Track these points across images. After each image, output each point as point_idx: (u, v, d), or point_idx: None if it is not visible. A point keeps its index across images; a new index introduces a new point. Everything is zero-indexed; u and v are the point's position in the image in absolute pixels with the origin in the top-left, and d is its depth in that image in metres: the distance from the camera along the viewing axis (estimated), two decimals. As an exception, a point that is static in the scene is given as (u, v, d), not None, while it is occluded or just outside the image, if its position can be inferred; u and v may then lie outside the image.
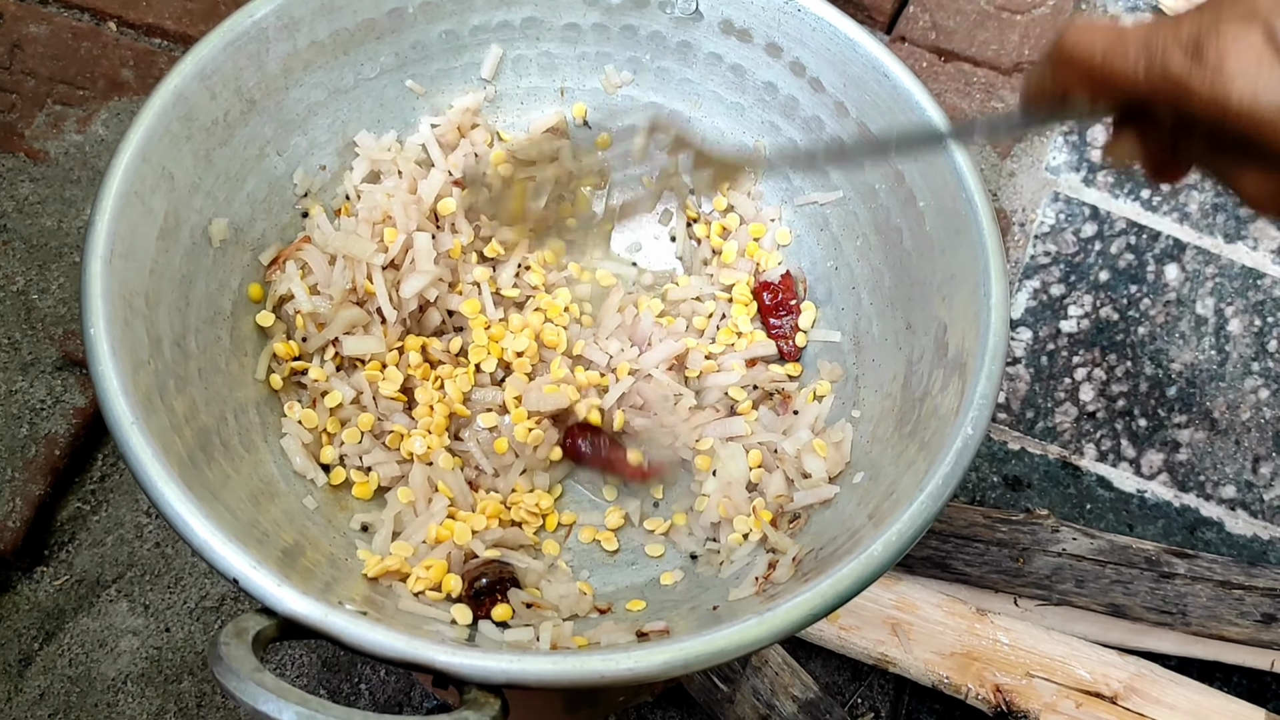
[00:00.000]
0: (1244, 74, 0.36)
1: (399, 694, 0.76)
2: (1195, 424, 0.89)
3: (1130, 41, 0.39)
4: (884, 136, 0.46)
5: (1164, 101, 0.39)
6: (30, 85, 0.94)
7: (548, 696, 0.65)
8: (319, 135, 0.63)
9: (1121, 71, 0.40)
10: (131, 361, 0.48)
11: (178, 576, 0.79)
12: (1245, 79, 0.36)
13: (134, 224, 0.51)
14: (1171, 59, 0.38)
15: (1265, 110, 0.36)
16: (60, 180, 0.90)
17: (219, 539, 0.43)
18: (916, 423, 0.54)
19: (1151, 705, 0.72)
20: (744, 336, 0.64)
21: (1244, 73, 0.36)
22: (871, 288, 0.62)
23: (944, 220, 0.56)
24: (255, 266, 0.60)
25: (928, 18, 1.04)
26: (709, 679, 0.71)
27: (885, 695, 0.78)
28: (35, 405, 0.81)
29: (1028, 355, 0.91)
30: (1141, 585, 0.75)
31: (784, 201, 0.67)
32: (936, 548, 0.76)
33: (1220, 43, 0.37)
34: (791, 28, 0.62)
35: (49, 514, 0.80)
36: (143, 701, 0.75)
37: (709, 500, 0.59)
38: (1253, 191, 0.40)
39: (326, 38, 0.60)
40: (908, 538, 0.46)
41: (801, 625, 0.44)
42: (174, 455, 0.46)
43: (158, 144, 0.53)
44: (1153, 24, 0.40)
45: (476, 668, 0.41)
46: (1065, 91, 0.43)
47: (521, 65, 0.67)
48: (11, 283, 0.85)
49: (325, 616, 0.42)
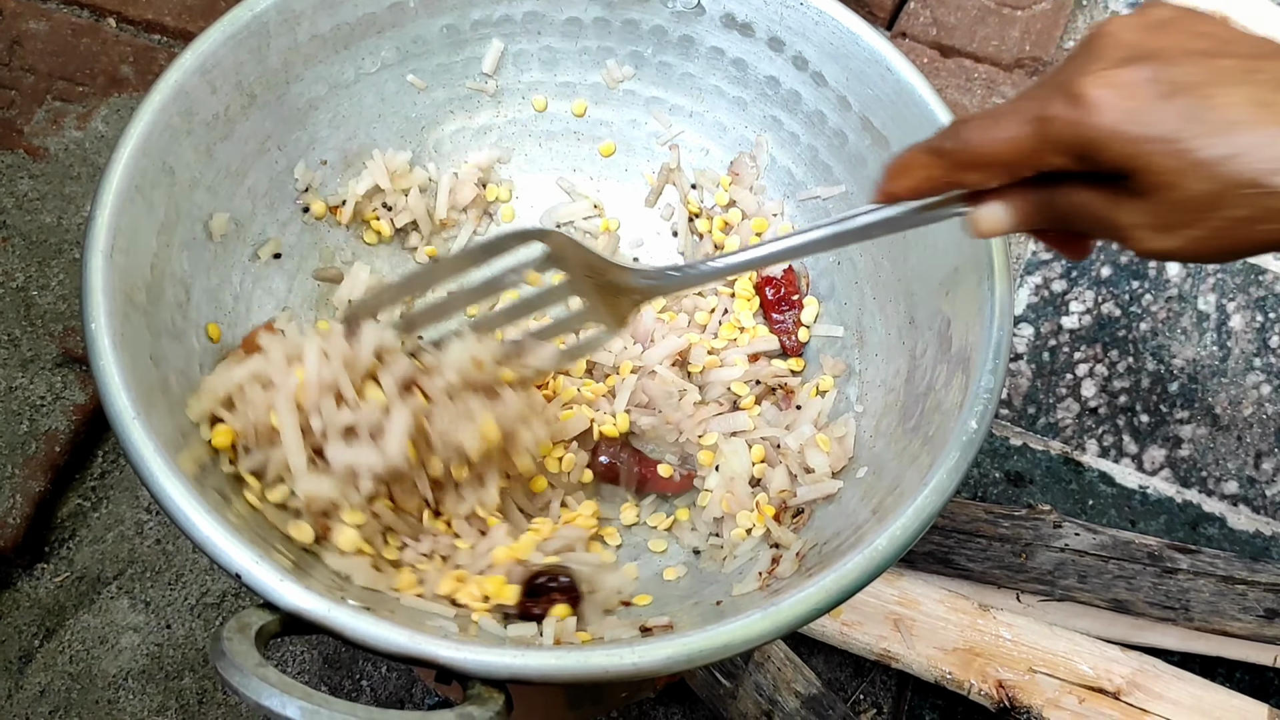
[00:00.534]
0: (1112, 102, 0.38)
1: (400, 690, 0.76)
2: (1197, 420, 0.89)
3: (1005, 118, 0.41)
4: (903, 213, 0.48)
5: (1048, 157, 0.40)
6: (29, 82, 0.94)
7: (550, 693, 0.64)
8: (320, 130, 0.63)
9: (1010, 151, 0.41)
10: (133, 357, 0.48)
11: (179, 573, 0.78)
12: (1113, 106, 0.38)
13: (135, 219, 0.51)
14: (1050, 113, 0.39)
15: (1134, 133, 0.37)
16: (60, 177, 0.90)
17: (221, 534, 0.43)
18: (920, 417, 0.54)
19: (1154, 701, 0.72)
20: (746, 331, 0.64)
21: (1112, 101, 0.38)
22: (874, 282, 0.62)
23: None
24: (251, 268, 0.60)
25: (928, 13, 1.03)
26: (711, 675, 0.70)
27: (888, 691, 0.78)
28: (35, 402, 0.81)
29: (1029, 351, 0.91)
30: (1144, 581, 0.75)
31: (786, 196, 0.66)
32: (939, 543, 0.76)
33: (1085, 82, 0.38)
34: (794, 22, 0.61)
35: (49, 511, 0.80)
36: (144, 698, 0.74)
37: (712, 495, 0.59)
38: (1130, 223, 0.40)
39: (327, 31, 0.60)
40: (912, 532, 0.46)
41: (806, 620, 0.44)
42: (176, 451, 0.46)
43: (158, 139, 0.53)
44: (1017, 98, 0.42)
45: (480, 663, 0.41)
46: (953, 183, 0.44)
47: (523, 60, 0.67)
48: (11, 279, 0.85)
49: (328, 612, 0.42)
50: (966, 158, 0.42)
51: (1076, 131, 0.39)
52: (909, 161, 0.45)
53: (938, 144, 0.44)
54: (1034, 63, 1.01)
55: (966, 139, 0.42)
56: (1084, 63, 0.39)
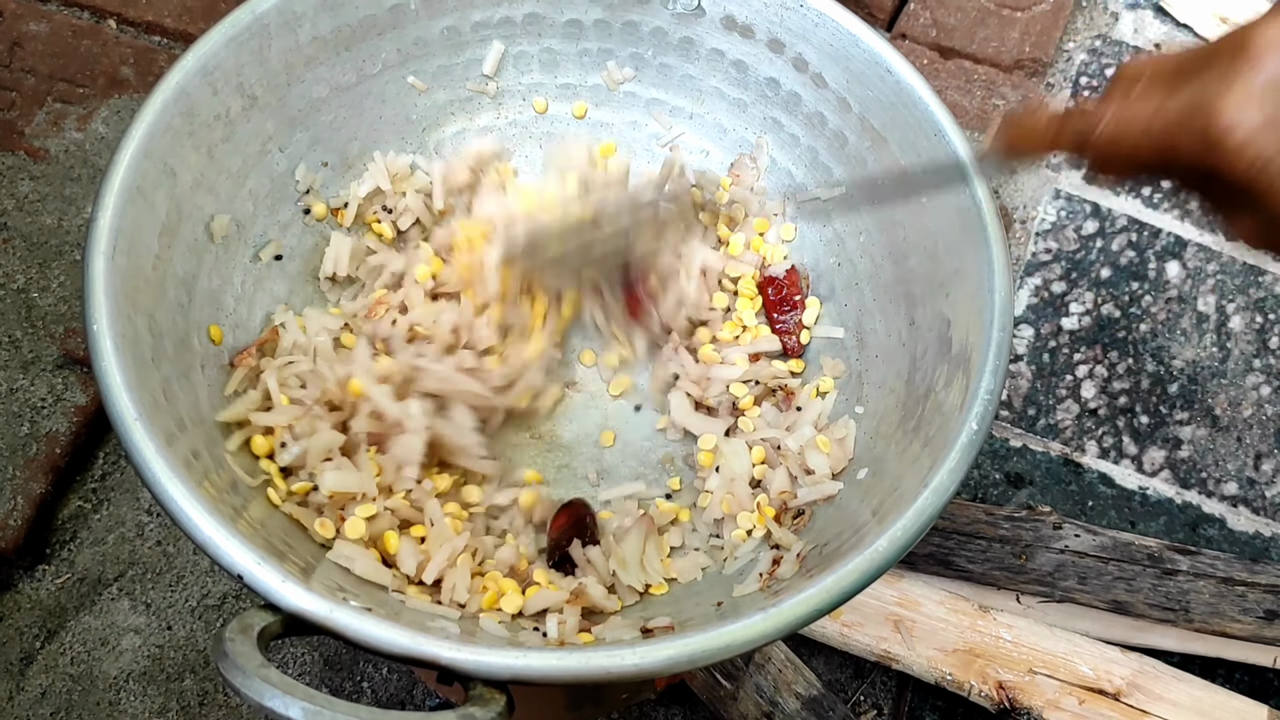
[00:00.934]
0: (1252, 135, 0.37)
1: (401, 692, 0.76)
2: (1197, 421, 0.89)
3: (1141, 114, 0.40)
4: (910, 172, 0.49)
5: (1172, 172, 0.41)
6: (30, 83, 0.94)
7: (550, 695, 0.65)
8: (321, 132, 0.63)
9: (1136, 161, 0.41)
10: (134, 358, 0.48)
11: (179, 575, 0.78)
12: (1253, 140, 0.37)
13: (137, 220, 0.51)
14: (1188, 124, 0.39)
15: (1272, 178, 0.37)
16: (60, 178, 0.90)
17: (223, 535, 0.43)
18: (920, 419, 0.54)
19: (1154, 702, 0.72)
20: (749, 330, 0.64)
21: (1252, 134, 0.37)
22: (875, 284, 0.62)
23: (947, 216, 0.56)
24: (253, 270, 0.60)
25: (928, 15, 1.04)
26: (712, 676, 0.70)
27: (888, 692, 0.78)
28: (36, 404, 0.81)
29: (1029, 352, 0.91)
30: (1144, 582, 0.75)
31: (786, 197, 0.66)
32: (939, 544, 0.76)
33: (1225, 106, 0.38)
34: (794, 23, 0.62)
35: (50, 512, 0.80)
36: (144, 700, 0.74)
37: (712, 497, 0.59)
38: (1241, 227, 0.41)
39: (328, 33, 0.60)
40: (913, 533, 0.46)
41: (807, 620, 0.44)
42: (177, 452, 0.46)
43: (160, 140, 0.53)
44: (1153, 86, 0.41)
45: (482, 663, 0.41)
46: (1077, 156, 0.45)
47: (523, 61, 0.67)
48: (12, 281, 0.85)
49: (330, 612, 0.42)
50: (1094, 144, 0.42)
51: (1209, 161, 0.38)
52: (1041, 132, 0.45)
53: (1071, 121, 0.43)
54: (1033, 64, 1.01)
55: (1097, 138, 0.42)
56: (1226, 77, 0.38)
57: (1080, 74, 1.03)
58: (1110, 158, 0.43)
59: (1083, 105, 0.44)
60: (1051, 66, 1.03)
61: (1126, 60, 0.46)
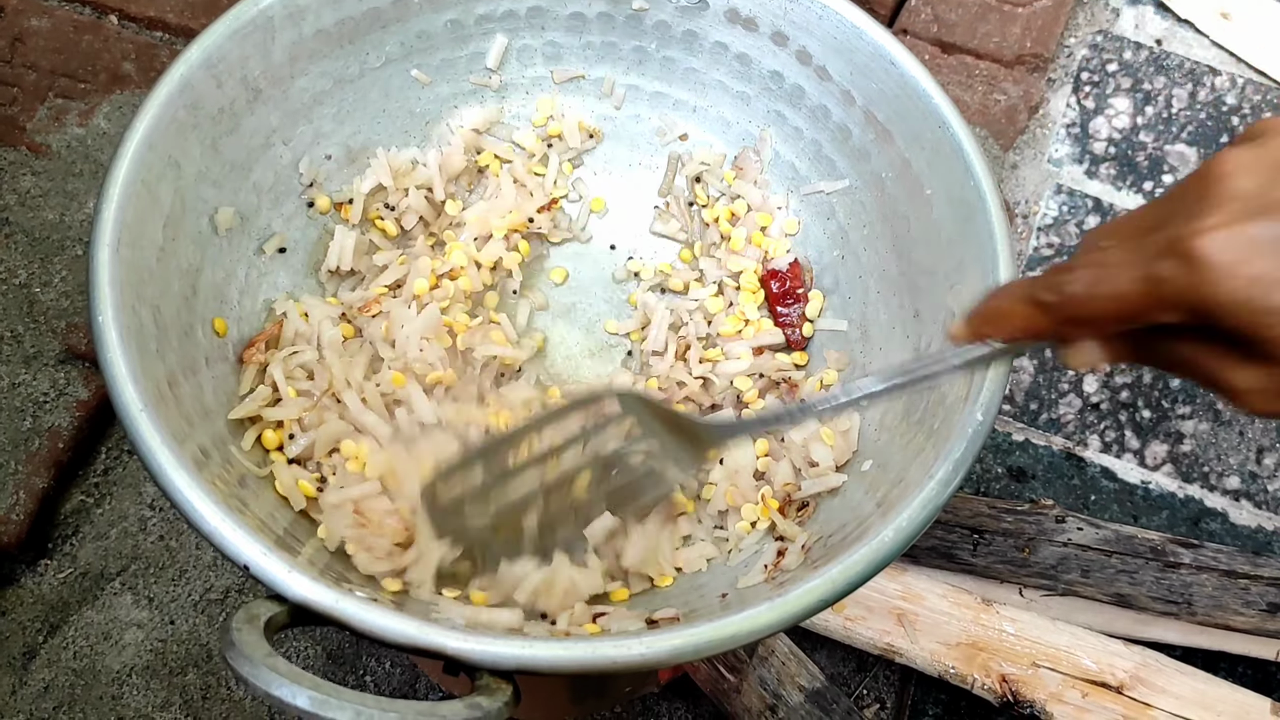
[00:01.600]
0: (1234, 268, 0.35)
1: (404, 685, 0.76)
2: (1199, 415, 0.89)
3: (1112, 273, 0.38)
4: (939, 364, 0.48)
5: (1158, 316, 0.38)
6: (31, 79, 0.94)
7: (554, 686, 0.65)
8: (324, 125, 0.63)
9: (1118, 310, 0.39)
10: (139, 350, 0.48)
11: (182, 569, 0.78)
12: (1236, 272, 0.35)
13: (141, 212, 0.51)
14: (1164, 273, 0.37)
15: (1261, 304, 0.35)
16: (62, 173, 0.90)
17: (229, 525, 0.43)
18: (924, 411, 0.54)
19: (1157, 695, 0.72)
20: (751, 324, 0.64)
21: (1234, 266, 0.35)
22: (878, 276, 0.62)
23: (951, 208, 0.56)
24: (257, 262, 0.60)
25: (929, 10, 1.04)
26: (716, 669, 0.71)
27: (891, 685, 0.78)
28: (38, 398, 0.81)
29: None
30: (1147, 575, 0.75)
31: (790, 190, 0.67)
32: (942, 538, 0.76)
33: (1202, 244, 0.35)
34: (798, 16, 0.62)
35: (52, 507, 0.80)
36: (147, 694, 0.75)
37: (716, 489, 0.59)
38: (1245, 387, 0.38)
39: (332, 26, 0.60)
40: (917, 524, 0.46)
41: (812, 611, 0.44)
42: (186, 447, 0.46)
43: (164, 132, 0.53)
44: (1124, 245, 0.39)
45: (488, 653, 0.41)
46: (1057, 335, 0.43)
47: (526, 55, 0.67)
48: (14, 276, 0.85)
49: (336, 602, 0.42)
50: (1071, 314, 0.41)
51: (1194, 296, 0.36)
52: (1006, 310, 0.44)
53: (1038, 295, 0.42)
54: (1035, 59, 1.01)
55: (1071, 295, 0.40)
56: (1198, 213, 0.36)
57: (1081, 69, 1.03)
58: (1087, 313, 0.40)
59: (1054, 265, 0.42)
60: (1053, 62, 1.03)
61: (1090, 228, 0.44)
